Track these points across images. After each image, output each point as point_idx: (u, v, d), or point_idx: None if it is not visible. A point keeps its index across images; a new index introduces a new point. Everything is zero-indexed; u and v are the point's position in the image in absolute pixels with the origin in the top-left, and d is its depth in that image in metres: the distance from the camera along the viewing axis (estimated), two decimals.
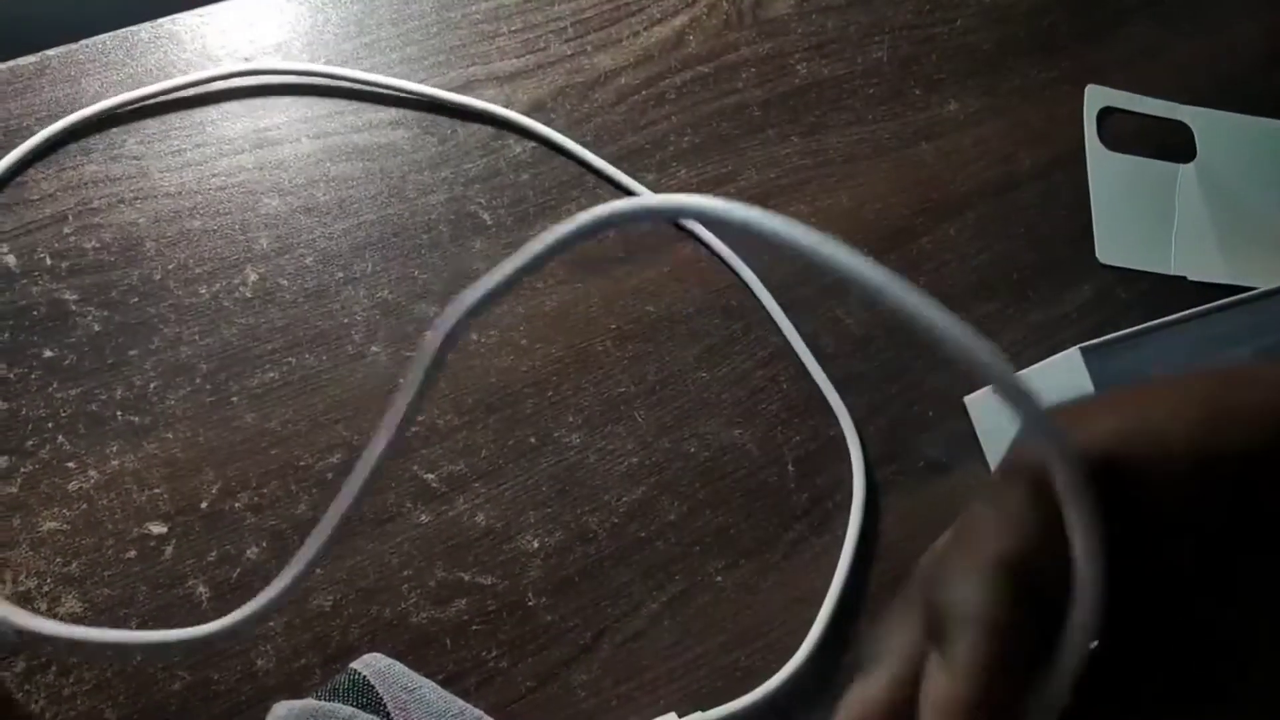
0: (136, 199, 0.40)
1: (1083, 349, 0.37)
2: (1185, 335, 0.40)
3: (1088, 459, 0.18)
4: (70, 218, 0.39)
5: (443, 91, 0.44)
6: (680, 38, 0.49)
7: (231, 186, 0.41)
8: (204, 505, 0.36)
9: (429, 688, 0.33)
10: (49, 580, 0.34)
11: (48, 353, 0.37)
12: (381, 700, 0.32)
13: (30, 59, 0.41)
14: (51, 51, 0.41)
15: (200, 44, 0.43)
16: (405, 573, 0.37)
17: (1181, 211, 0.51)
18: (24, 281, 0.38)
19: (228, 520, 0.36)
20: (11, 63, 0.40)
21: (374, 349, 0.40)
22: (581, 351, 0.42)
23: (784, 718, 0.37)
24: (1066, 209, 0.50)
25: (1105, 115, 0.52)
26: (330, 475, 0.37)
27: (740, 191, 0.46)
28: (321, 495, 0.37)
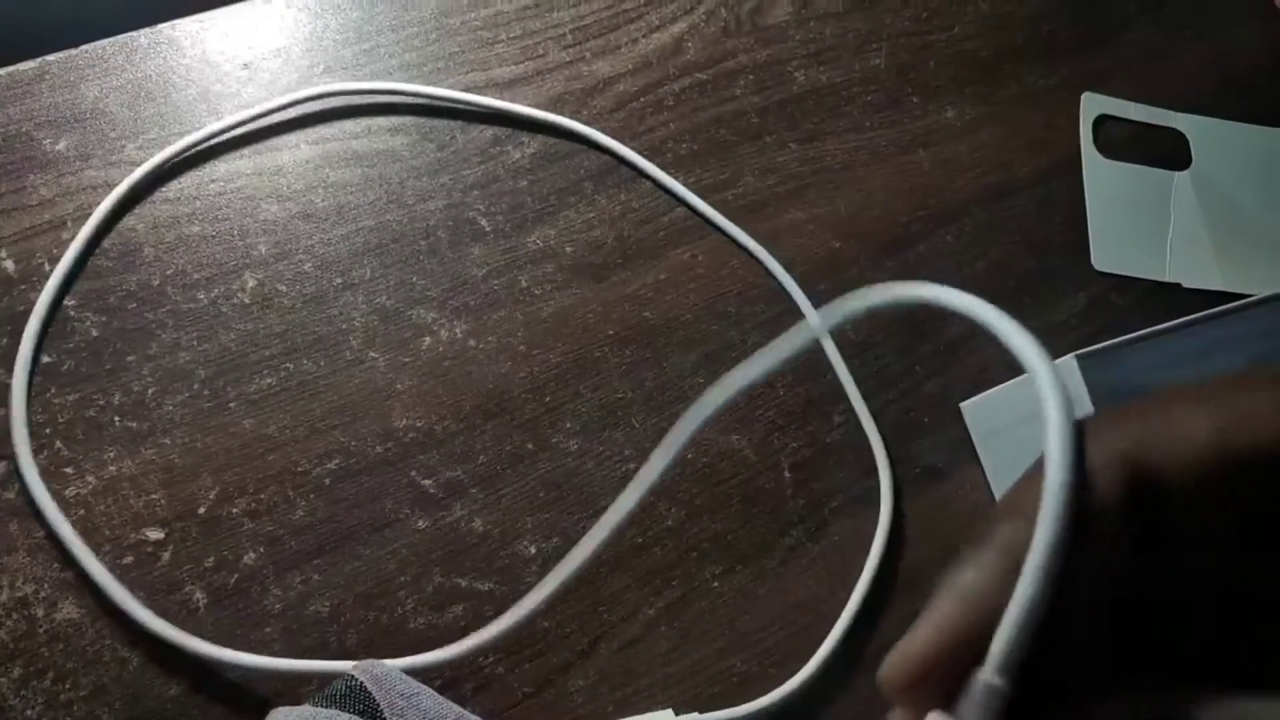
0: (135, 204, 0.40)
1: (1078, 356, 0.37)
2: (1181, 342, 0.40)
3: (1109, 463, 0.18)
4: (69, 223, 0.39)
5: (450, 91, 0.44)
6: (679, 45, 0.49)
7: (230, 192, 0.41)
8: (201, 511, 0.36)
9: (426, 694, 0.33)
10: (46, 586, 0.34)
11: (45, 358, 0.37)
12: (378, 706, 0.32)
13: (30, 64, 0.41)
14: (51, 57, 0.41)
15: (200, 50, 0.43)
16: (403, 578, 0.37)
17: (1177, 219, 0.51)
18: (23, 287, 0.38)
19: (225, 526, 0.36)
20: (11, 68, 0.40)
21: (372, 355, 0.40)
22: (579, 357, 0.42)
23: None
24: (1063, 216, 0.50)
25: (1102, 122, 0.53)
26: (328, 481, 0.37)
27: (738, 198, 0.46)
28: (319, 501, 0.37)
